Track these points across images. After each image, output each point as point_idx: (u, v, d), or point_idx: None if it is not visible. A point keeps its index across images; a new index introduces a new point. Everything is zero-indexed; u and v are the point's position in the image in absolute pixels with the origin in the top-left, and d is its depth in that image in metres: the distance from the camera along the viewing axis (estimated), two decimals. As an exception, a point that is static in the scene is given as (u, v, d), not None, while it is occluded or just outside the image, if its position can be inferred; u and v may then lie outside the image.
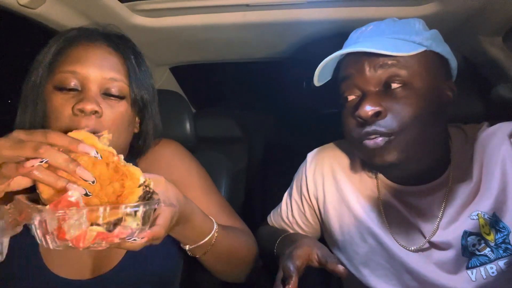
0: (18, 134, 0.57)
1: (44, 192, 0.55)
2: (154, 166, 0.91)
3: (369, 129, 0.73)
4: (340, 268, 0.69)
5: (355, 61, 0.77)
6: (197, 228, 0.76)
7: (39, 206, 0.52)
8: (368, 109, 0.72)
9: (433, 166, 0.79)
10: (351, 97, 0.79)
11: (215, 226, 0.79)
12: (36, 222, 0.51)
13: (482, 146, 0.79)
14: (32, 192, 0.58)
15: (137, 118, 0.87)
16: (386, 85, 0.74)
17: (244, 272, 0.92)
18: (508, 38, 1.11)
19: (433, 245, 0.79)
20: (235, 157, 1.54)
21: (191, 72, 1.67)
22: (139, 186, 0.58)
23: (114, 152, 0.60)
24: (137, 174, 0.58)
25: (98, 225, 0.52)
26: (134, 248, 0.59)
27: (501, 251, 0.73)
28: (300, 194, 1.01)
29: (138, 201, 0.57)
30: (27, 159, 0.54)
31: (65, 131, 0.70)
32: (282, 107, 2.16)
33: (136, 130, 0.88)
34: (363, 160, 0.84)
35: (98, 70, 0.76)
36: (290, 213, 1.04)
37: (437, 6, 1.02)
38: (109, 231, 0.53)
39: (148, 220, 0.57)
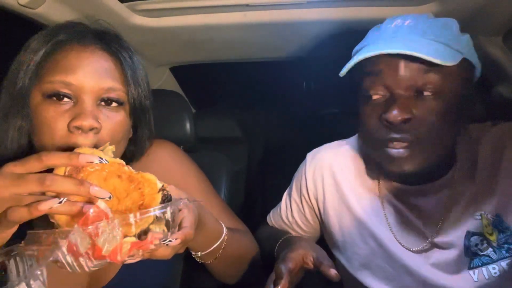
0: (11, 168, 0.51)
1: (61, 220, 0.52)
2: (150, 169, 0.85)
3: (396, 135, 0.70)
4: (332, 272, 0.69)
5: (389, 58, 0.70)
6: (210, 232, 0.74)
7: (66, 228, 0.49)
8: (399, 114, 0.68)
9: (437, 166, 0.78)
10: (376, 96, 0.74)
11: (225, 230, 0.78)
12: (64, 248, 0.47)
13: (486, 146, 0.78)
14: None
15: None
16: (418, 90, 0.70)
17: (247, 273, 0.92)
18: (508, 38, 1.11)
19: (435, 246, 0.78)
20: (235, 157, 1.54)
21: (191, 72, 1.67)
22: (158, 191, 0.56)
23: (123, 162, 0.57)
24: (153, 180, 0.56)
25: (129, 236, 0.51)
26: (167, 256, 0.57)
27: (503, 252, 0.72)
28: (300, 194, 1.00)
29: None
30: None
31: (62, 148, 0.65)
32: (282, 107, 2.16)
33: (130, 135, 0.80)
34: (376, 163, 0.80)
35: (94, 79, 0.67)
36: (290, 213, 1.04)
37: (437, 6, 1.02)
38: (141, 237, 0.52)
39: (173, 224, 0.56)
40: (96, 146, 0.68)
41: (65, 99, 0.66)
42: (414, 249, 0.80)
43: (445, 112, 0.69)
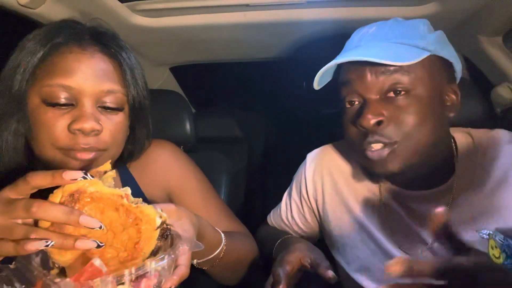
0: (7, 192, 0.50)
1: (54, 253, 0.50)
2: (149, 170, 0.88)
3: (371, 138, 0.72)
4: (329, 273, 0.69)
5: (356, 67, 0.74)
6: (208, 244, 0.72)
7: (58, 280, 0.47)
8: (370, 118, 0.71)
9: (436, 171, 0.77)
10: (352, 104, 0.77)
11: (224, 239, 0.77)
12: None
13: (494, 155, 0.76)
14: None
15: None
16: (388, 92, 0.72)
17: (247, 275, 0.91)
18: (508, 38, 1.11)
19: (435, 254, 0.76)
20: (235, 157, 1.54)
21: (191, 72, 1.67)
22: (157, 228, 0.53)
23: (122, 193, 0.53)
24: (152, 215, 0.53)
25: (122, 283, 0.49)
26: None
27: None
28: (300, 195, 1.00)
29: (157, 242, 0.53)
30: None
31: (61, 149, 0.66)
32: (282, 107, 2.16)
33: (127, 134, 0.80)
34: (365, 167, 0.82)
35: (94, 82, 0.67)
36: (290, 213, 1.03)
37: (437, 6, 1.02)
38: (132, 279, 0.50)
39: (172, 263, 0.54)
40: (97, 150, 0.69)
41: (65, 102, 0.66)
42: (413, 253, 0.79)
43: (420, 109, 0.71)
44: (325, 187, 0.94)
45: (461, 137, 0.82)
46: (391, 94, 0.72)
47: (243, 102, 2.26)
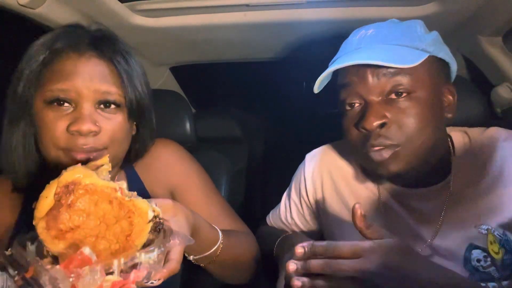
0: None
1: (47, 241, 0.52)
2: (152, 168, 0.90)
3: (374, 141, 0.72)
4: None
5: (356, 69, 0.74)
6: (203, 241, 0.74)
7: (48, 266, 0.49)
8: (373, 121, 0.71)
9: (434, 169, 0.78)
10: (351, 106, 0.77)
11: (221, 237, 0.77)
12: (47, 281, 0.48)
13: (489, 152, 0.77)
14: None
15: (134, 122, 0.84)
16: (390, 94, 0.73)
17: (247, 273, 0.92)
18: (508, 38, 1.11)
19: (434, 251, 0.77)
20: (235, 157, 1.54)
21: (191, 72, 1.67)
22: (149, 221, 0.54)
23: (116, 186, 0.55)
24: (144, 208, 0.54)
25: (112, 273, 0.50)
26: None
27: (507, 272, 0.70)
28: (299, 195, 1.00)
29: (149, 236, 0.54)
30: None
31: (62, 149, 0.70)
32: (282, 108, 2.16)
33: (133, 132, 0.84)
34: (366, 168, 0.82)
35: (91, 84, 0.71)
36: (289, 214, 1.03)
37: (437, 6, 1.02)
38: (123, 270, 0.51)
39: (162, 256, 0.55)
40: (95, 151, 0.71)
41: (66, 104, 0.71)
42: None
43: (421, 110, 0.71)
44: (324, 186, 0.94)
45: (457, 136, 0.83)
46: (393, 96, 0.73)
47: (243, 102, 2.26)
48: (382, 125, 0.72)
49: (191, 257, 0.75)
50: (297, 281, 0.58)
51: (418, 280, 0.58)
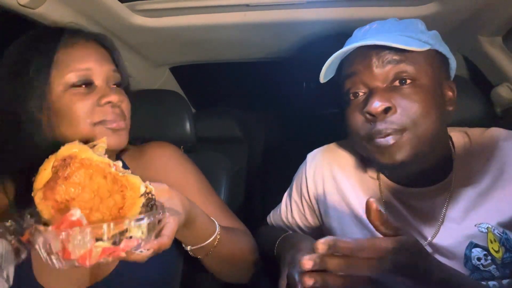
0: None
1: (44, 211, 0.54)
2: (150, 169, 0.90)
3: (380, 126, 0.72)
4: None
5: (362, 57, 0.76)
6: (200, 230, 0.75)
7: (41, 227, 0.51)
8: (378, 104, 0.71)
9: (435, 168, 0.78)
10: (356, 95, 0.78)
11: (218, 228, 0.79)
12: (40, 243, 0.50)
13: (490, 151, 0.77)
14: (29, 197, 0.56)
15: None
16: (394, 81, 0.74)
17: (246, 273, 0.92)
18: (508, 38, 1.11)
19: (434, 249, 0.77)
20: (235, 157, 1.54)
21: (191, 72, 1.67)
22: (141, 195, 0.56)
23: (111, 162, 0.58)
24: (137, 183, 0.56)
25: (103, 240, 0.51)
26: (141, 260, 0.57)
27: (507, 271, 0.70)
28: (300, 195, 1.00)
29: (141, 210, 0.55)
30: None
31: (96, 123, 0.77)
32: (282, 108, 2.16)
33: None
34: (369, 159, 0.81)
35: (103, 64, 0.81)
36: (290, 214, 1.03)
37: (437, 6, 1.02)
38: (115, 243, 0.52)
39: (153, 229, 0.56)
40: (122, 117, 0.81)
41: (85, 82, 0.78)
42: None
43: (425, 98, 0.72)
44: (326, 186, 0.94)
45: (458, 136, 0.83)
46: (397, 83, 0.74)
47: (243, 102, 2.26)
48: (386, 111, 0.72)
49: (188, 248, 0.77)
50: (308, 279, 0.56)
51: (431, 279, 0.56)
